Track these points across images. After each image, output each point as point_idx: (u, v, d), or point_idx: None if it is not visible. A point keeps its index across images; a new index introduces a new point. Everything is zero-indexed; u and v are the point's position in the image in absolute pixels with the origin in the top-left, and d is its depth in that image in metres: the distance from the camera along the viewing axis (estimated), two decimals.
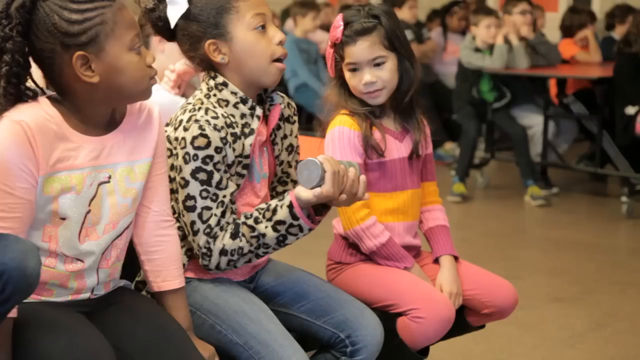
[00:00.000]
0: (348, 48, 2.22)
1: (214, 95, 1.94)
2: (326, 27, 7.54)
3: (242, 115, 1.95)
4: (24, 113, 1.66)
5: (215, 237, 1.88)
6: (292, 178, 2.12)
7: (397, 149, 2.27)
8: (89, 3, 1.68)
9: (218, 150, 1.87)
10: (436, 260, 2.32)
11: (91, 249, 1.77)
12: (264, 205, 1.91)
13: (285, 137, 2.08)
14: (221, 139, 1.87)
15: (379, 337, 2.02)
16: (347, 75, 2.24)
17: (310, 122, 7.81)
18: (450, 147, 6.77)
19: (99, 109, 1.75)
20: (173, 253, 1.89)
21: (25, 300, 1.70)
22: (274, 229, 1.88)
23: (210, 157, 1.86)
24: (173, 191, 1.92)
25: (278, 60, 1.96)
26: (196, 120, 1.87)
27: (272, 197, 2.11)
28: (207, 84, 1.96)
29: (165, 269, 1.88)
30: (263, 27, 1.94)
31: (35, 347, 1.64)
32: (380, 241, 2.21)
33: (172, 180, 1.91)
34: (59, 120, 1.69)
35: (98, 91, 1.71)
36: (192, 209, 1.88)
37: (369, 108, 2.24)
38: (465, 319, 2.31)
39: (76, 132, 1.72)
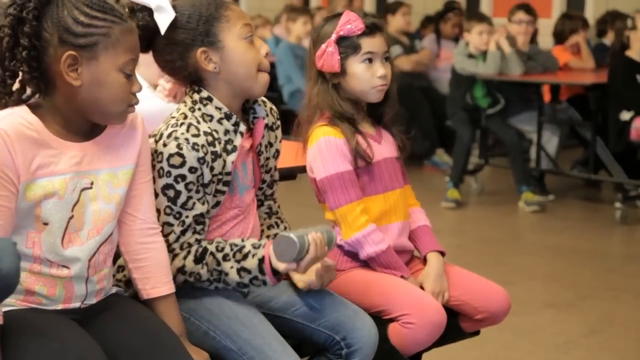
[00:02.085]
0: (368, 39, 2.24)
1: (199, 109, 1.95)
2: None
3: (226, 132, 1.95)
4: (1, 122, 1.67)
5: (172, 253, 1.91)
6: (274, 179, 2.16)
7: (378, 150, 2.28)
8: (101, 13, 1.71)
9: (192, 170, 1.88)
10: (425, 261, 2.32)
11: (75, 254, 1.76)
12: (238, 242, 1.92)
13: (270, 144, 2.09)
14: (198, 159, 1.88)
15: (374, 339, 2.02)
16: (359, 68, 2.24)
17: None
18: (440, 154, 6.78)
19: (75, 115, 1.75)
20: (160, 259, 1.89)
21: (16, 307, 1.69)
22: (238, 273, 1.90)
23: (183, 177, 1.88)
24: None
25: (263, 71, 1.98)
26: (176, 138, 1.88)
27: (261, 201, 2.13)
28: (192, 98, 1.96)
29: (153, 276, 1.87)
30: (251, 37, 1.96)
31: (25, 352, 1.63)
32: (380, 248, 2.21)
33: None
34: (39, 127, 1.70)
35: (77, 96, 1.72)
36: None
37: (357, 112, 2.26)
38: (459, 325, 2.31)
39: (57, 138, 1.72)
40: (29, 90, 1.73)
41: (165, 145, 1.88)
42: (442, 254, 2.33)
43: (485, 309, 2.26)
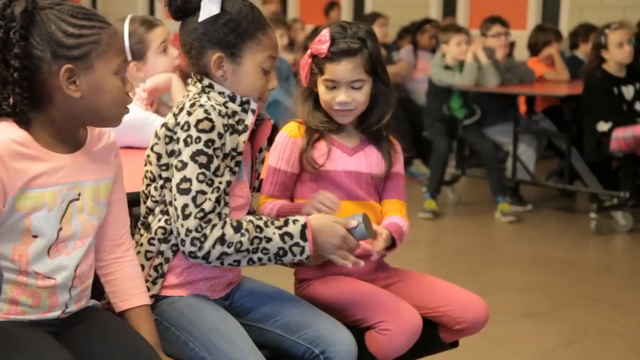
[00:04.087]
0: (330, 65, 2.21)
1: (206, 94, 1.96)
2: (292, 46, 7.53)
3: (234, 113, 1.96)
4: None
5: (210, 223, 1.84)
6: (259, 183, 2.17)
7: (342, 161, 2.26)
8: (87, 21, 1.70)
9: (220, 135, 1.88)
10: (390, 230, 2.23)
11: (62, 265, 1.75)
12: (273, 216, 1.94)
13: (260, 150, 2.11)
14: (223, 125, 1.89)
15: (352, 353, 2.01)
16: (322, 89, 2.25)
17: None
18: (417, 164, 6.80)
19: (71, 125, 1.75)
20: (130, 272, 1.89)
21: None
22: (282, 238, 1.90)
23: (212, 142, 1.87)
24: (168, 179, 1.91)
25: (262, 101, 2.01)
26: (201, 105, 1.88)
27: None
28: (196, 86, 1.98)
29: (123, 289, 1.88)
30: (270, 69, 1.99)
31: None
32: (275, 207, 2.20)
33: (169, 167, 1.91)
34: (27, 141, 1.68)
35: (76, 107, 1.71)
36: (186, 191, 1.85)
37: (329, 126, 2.25)
38: (438, 336, 2.31)
39: (47, 151, 1.71)
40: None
41: (190, 113, 1.87)
42: (394, 246, 2.22)
43: (464, 320, 2.26)
